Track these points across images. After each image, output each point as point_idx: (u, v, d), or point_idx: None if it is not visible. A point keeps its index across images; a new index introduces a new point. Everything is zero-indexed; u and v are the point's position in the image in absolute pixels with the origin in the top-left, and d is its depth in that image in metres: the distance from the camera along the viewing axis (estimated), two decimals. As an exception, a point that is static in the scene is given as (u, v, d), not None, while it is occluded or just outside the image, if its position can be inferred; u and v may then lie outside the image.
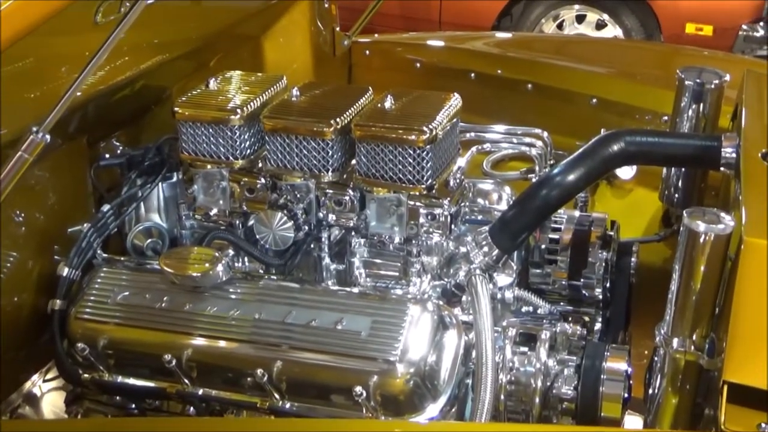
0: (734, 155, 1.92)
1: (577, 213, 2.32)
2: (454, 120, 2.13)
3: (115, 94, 2.32)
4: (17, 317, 2.07)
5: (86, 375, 2.05)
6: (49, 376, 2.25)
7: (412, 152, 1.98)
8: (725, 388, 1.44)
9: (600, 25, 6.55)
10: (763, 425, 1.40)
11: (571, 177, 1.95)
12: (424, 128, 1.97)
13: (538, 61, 3.20)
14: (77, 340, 2.02)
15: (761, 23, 6.25)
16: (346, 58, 3.37)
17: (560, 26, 6.64)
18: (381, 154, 2.01)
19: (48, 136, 1.62)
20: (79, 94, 1.74)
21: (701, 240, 1.56)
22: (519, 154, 2.66)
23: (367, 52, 3.38)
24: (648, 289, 2.33)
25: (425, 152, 1.98)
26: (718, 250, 1.56)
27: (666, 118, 2.66)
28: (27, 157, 1.62)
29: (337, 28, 3.28)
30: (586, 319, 2.27)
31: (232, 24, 2.79)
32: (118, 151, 2.39)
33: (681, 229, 1.60)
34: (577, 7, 6.58)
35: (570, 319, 2.14)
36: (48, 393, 2.28)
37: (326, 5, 3.23)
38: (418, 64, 3.30)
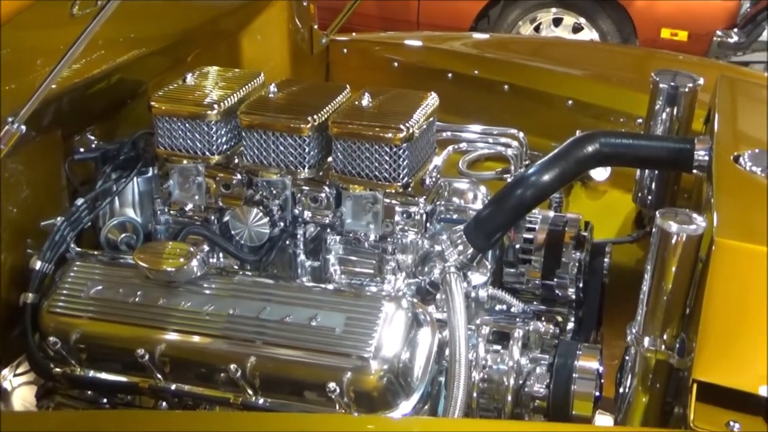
0: (707, 158, 1.95)
1: (551, 213, 2.34)
2: (431, 119, 2.14)
3: (91, 88, 2.30)
4: (-11, 310, 2.06)
5: (58, 369, 2.03)
6: (20, 371, 2.23)
7: (388, 150, 1.99)
8: (695, 386, 1.46)
9: (576, 29, 6.59)
10: (732, 423, 1.42)
11: (546, 177, 1.96)
12: (401, 126, 1.98)
13: (515, 63, 3.22)
14: (49, 334, 2.00)
15: (735, 29, 6.31)
16: (324, 56, 3.37)
17: (537, 29, 6.67)
18: (357, 152, 2.01)
19: (23, 127, 1.62)
20: (54, 86, 1.73)
21: (673, 240, 1.58)
22: (495, 154, 2.67)
23: (345, 50, 3.38)
24: (620, 290, 2.35)
25: (402, 150, 1.99)
26: (689, 250, 1.58)
27: (640, 120, 2.68)
28: (2, 148, 1.62)
29: (315, 27, 3.28)
30: (559, 318, 2.28)
31: (209, 20, 2.78)
32: (93, 145, 2.38)
33: (653, 229, 1.62)
34: (554, 10, 6.61)
35: (543, 318, 2.16)
36: (19, 387, 2.26)
37: (304, 4, 3.23)
38: (396, 64, 3.30)
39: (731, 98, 2.30)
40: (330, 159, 2.09)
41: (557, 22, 6.65)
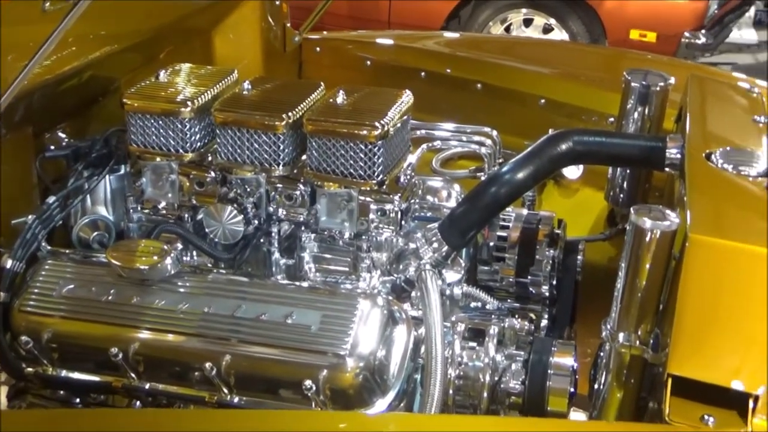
0: (678, 156, 1.96)
1: (525, 211, 2.35)
2: (406, 117, 2.14)
3: (63, 84, 2.28)
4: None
5: (30, 369, 2.01)
6: (-10, 371, 2.20)
7: (363, 147, 1.99)
8: (669, 381, 1.47)
9: (547, 29, 6.63)
10: (706, 417, 1.44)
11: (520, 175, 1.96)
12: (376, 124, 1.98)
13: (488, 61, 3.23)
14: (21, 333, 1.98)
15: (703, 31, 6.39)
16: (297, 54, 3.37)
17: (508, 30, 6.70)
18: (332, 149, 2.01)
19: (-5, 122, 1.60)
20: (25, 83, 1.71)
21: (647, 236, 1.59)
22: (468, 152, 2.68)
23: (318, 49, 3.38)
24: (593, 287, 2.37)
25: (376, 148, 1.99)
26: (663, 246, 1.60)
27: (612, 119, 2.70)
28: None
29: (288, 25, 3.28)
30: (533, 315, 2.29)
31: (182, 17, 2.77)
32: (65, 143, 2.35)
33: (628, 225, 1.63)
34: (524, 11, 6.66)
35: (517, 315, 2.17)
36: (-11, 388, 2.23)
37: (277, 2, 3.22)
38: (369, 62, 3.30)
39: (702, 97, 2.32)
40: (305, 156, 2.08)
41: (528, 22, 6.69)
